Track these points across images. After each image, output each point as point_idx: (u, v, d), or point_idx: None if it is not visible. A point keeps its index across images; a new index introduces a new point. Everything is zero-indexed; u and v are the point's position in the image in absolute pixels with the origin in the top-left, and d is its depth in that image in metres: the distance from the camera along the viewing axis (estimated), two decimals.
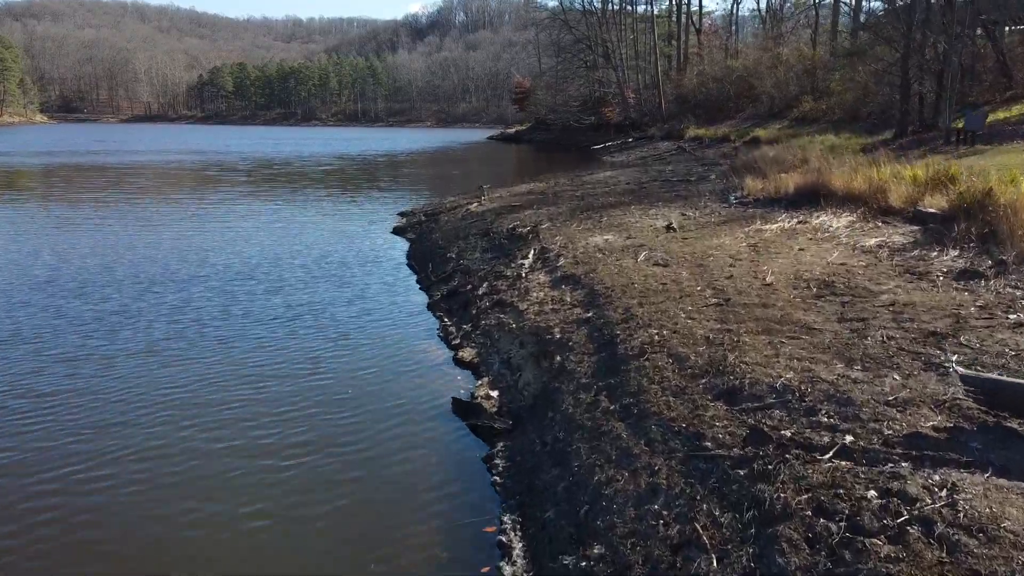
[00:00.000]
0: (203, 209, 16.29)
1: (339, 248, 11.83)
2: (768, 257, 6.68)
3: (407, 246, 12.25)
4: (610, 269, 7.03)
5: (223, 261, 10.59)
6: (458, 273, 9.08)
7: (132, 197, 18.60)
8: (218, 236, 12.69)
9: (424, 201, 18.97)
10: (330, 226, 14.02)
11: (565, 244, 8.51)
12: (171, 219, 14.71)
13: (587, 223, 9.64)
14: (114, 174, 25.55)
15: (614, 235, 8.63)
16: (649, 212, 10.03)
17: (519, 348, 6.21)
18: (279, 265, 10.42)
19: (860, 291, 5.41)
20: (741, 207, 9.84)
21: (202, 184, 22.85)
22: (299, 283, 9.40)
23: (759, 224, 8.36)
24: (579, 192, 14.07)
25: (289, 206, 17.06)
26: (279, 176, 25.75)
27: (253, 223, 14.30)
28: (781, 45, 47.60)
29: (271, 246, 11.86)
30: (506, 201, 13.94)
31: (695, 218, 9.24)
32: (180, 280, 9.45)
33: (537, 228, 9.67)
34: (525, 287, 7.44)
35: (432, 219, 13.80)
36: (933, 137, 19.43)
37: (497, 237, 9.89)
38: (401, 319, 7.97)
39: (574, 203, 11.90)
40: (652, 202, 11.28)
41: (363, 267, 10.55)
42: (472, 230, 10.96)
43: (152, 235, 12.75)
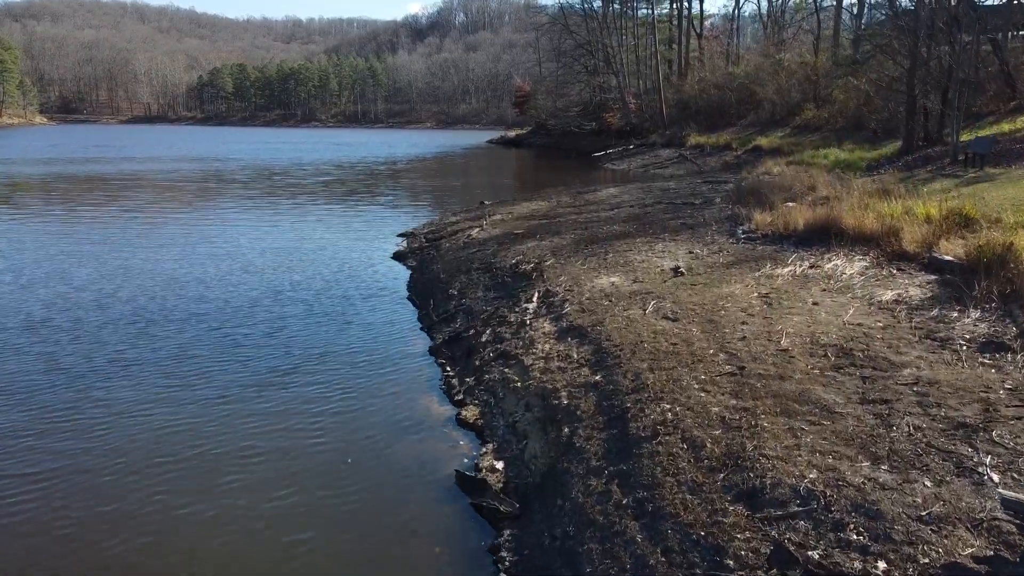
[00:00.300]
0: (201, 230, 16.07)
1: (341, 279, 11.61)
2: (781, 313, 6.47)
3: (408, 275, 12.04)
4: (618, 321, 6.82)
5: (222, 296, 10.36)
6: (460, 313, 8.87)
7: (129, 215, 18.38)
8: (217, 265, 12.47)
9: (425, 218, 18.77)
10: (332, 253, 13.80)
11: (570, 287, 8.30)
12: (169, 243, 14.49)
13: (592, 260, 9.42)
14: (111, 187, 25.33)
15: (620, 277, 8.41)
16: (655, 248, 9.81)
17: (525, 411, 5.99)
18: (280, 300, 10.20)
19: (880, 362, 5.20)
20: (749, 243, 9.63)
21: (200, 198, 22.63)
22: (301, 323, 9.18)
23: (769, 268, 8.14)
24: (582, 217, 13.86)
25: (289, 228, 16.85)
26: (278, 188, 25.53)
27: (253, 248, 14.08)
28: (783, 51, 47.44)
29: (271, 277, 11.64)
30: (508, 225, 13.72)
31: (703, 257, 9.02)
32: (177, 319, 9.23)
33: (541, 265, 9.45)
34: (530, 337, 7.23)
35: (433, 244, 13.59)
36: (940, 154, 19.22)
37: (500, 274, 9.68)
38: (403, 367, 7.76)
39: (577, 233, 11.69)
40: (657, 233, 11.06)
41: (366, 302, 10.33)
42: (474, 263, 10.75)
43: (149, 263, 12.53)
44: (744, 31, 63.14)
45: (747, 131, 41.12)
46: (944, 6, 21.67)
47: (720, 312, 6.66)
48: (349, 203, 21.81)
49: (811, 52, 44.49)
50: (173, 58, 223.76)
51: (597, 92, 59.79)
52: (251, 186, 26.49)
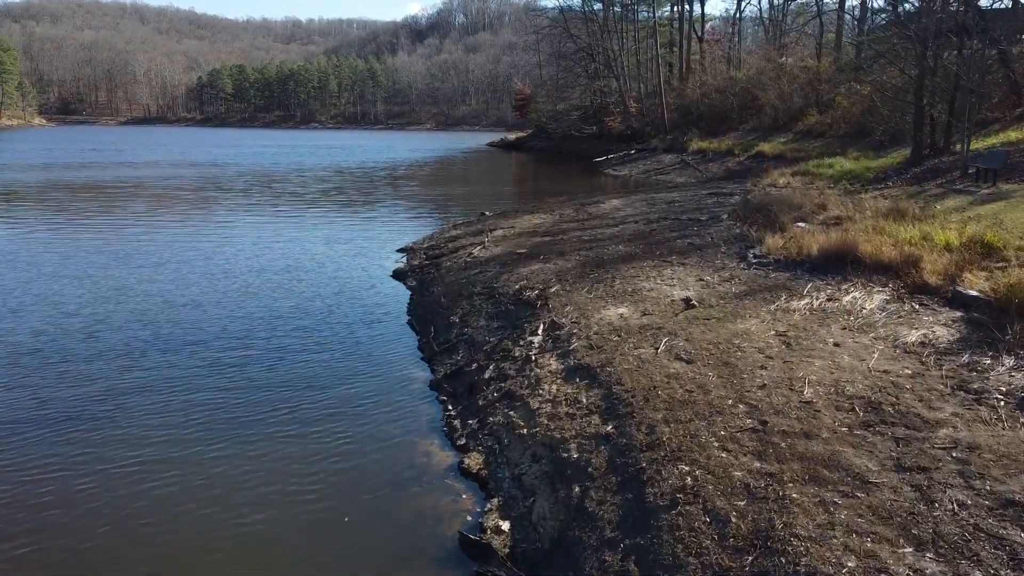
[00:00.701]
0: (198, 246, 15.74)
1: (341, 303, 11.28)
2: (801, 356, 6.14)
3: (408, 296, 11.72)
4: (629, 362, 6.49)
5: (218, 324, 10.02)
6: (462, 344, 8.54)
7: (124, 228, 18.04)
8: (213, 286, 12.13)
9: (425, 230, 18.45)
10: (332, 271, 13.47)
11: (577, 319, 7.97)
12: (164, 260, 14.16)
13: (599, 287, 9.09)
14: (106, 196, 25.00)
15: (629, 308, 8.09)
16: (663, 273, 9.48)
17: (532, 462, 5.66)
18: (278, 329, 9.85)
19: (913, 419, 4.88)
20: (761, 269, 9.30)
21: (197, 209, 22.30)
22: (299, 356, 8.83)
23: (785, 300, 7.81)
24: (586, 234, 13.53)
25: (289, 243, 16.51)
26: (277, 198, 25.21)
27: (251, 267, 13.74)
28: (784, 55, 47.16)
29: (270, 301, 11.29)
30: (510, 243, 13.40)
31: (714, 286, 8.70)
32: (170, 350, 8.90)
33: (546, 292, 9.13)
34: (536, 375, 6.90)
35: (434, 263, 13.26)
36: (949, 166, 18.90)
37: (503, 300, 9.35)
38: (403, 405, 7.42)
39: (582, 254, 11.36)
40: (665, 256, 10.74)
41: (366, 328, 10.00)
42: (476, 286, 10.42)
43: (143, 283, 12.19)
44: (744, 34, 62.81)
45: (749, 136, 40.86)
46: (950, 13, 21.38)
47: (736, 353, 6.33)
48: (348, 214, 21.48)
49: (813, 56, 44.25)
50: (172, 59, 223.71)
51: (598, 96, 59.54)
52: (250, 194, 26.16)
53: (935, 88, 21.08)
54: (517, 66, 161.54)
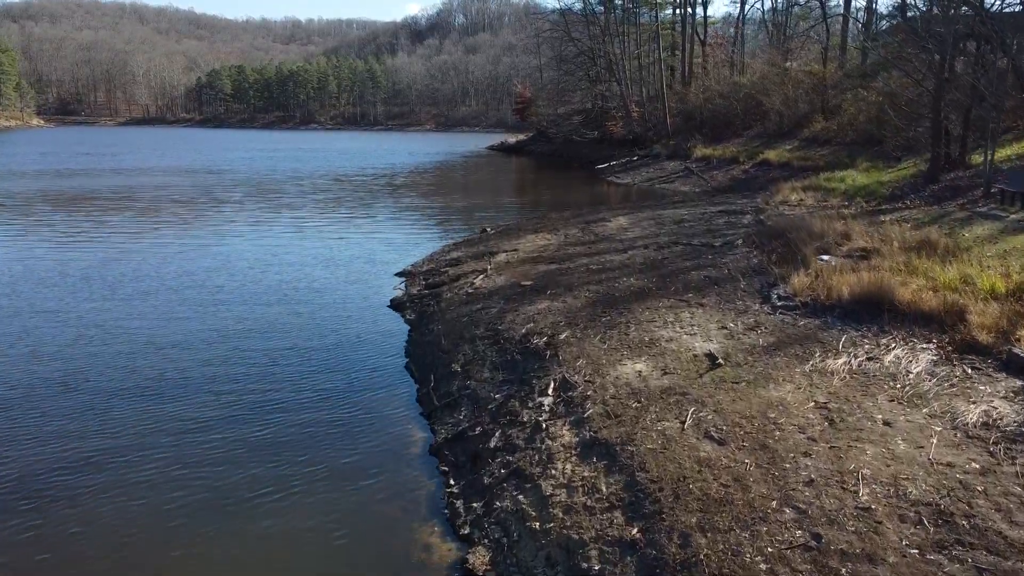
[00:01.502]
0: (188, 270, 15.02)
1: (338, 342, 10.57)
2: (849, 439, 5.44)
3: (407, 332, 11.03)
4: (652, 439, 5.79)
5: (203, 370, 9.30)
6: (465, 399, 7.84)
7: (111, 247, 17.31)
8: (202, 320, 11.42)
9: (424, 248, 17.79)
10: (327, 301, 12.76)
11: (590, 376, 7.27)
12: (151, 289, 13.44)
13: (612, 334, 8.38)
14: (96, 208, 24.26)
15: (647, 363, 7.38)
16: (681, 316, 8.78)
17: (546, 567, 4.96)
18: (272, 377, 9.13)
19: (992, 538, 4.18)
20: (787, 314, 8.60)
21: (189, 224, 21.58)
22: (289, 411, 8.11)
23: (820, 357, 7.11)
24: (594, 262, 12.82)
25: (284, 266, 15.81)
26: (273, 210, 24.49)
27: (243, 296, 13.03)
28: (789, 60, 46.49)
29: (262, 341, 10.56)
30: (514, 272, 12.70)
31: (738, 335, 7.99)
32: (149, 402, 8.18)
33: (555, 339, 8.42)
34: (547, 449, 6.20)
35: (433, 292, 12.56)
36: (968, 183, 18.19)
37: (509, 348, 8.65)
38: (400, 476, 6.72)
39: (591, 288, 10.65)
40: (680, 292, 10.03)
41: (365, 373, 9.31)
42: (479, 327, 9.72)
43: (128, 319, 11.47)
44: (747, 37, 62.07)
45: (754, 143, 40.20)
46: (966, 21, 20.69)
47: (774, 433, 5.63)
48: (347, 230, 20.76)
49: (817, 60, 43.59)
50: (171, 59, 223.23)
51: (599, 100, 58.89)
52: (244, 207, 25.44)
53: (950, 100, 20.37)
54: (517, 67, 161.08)
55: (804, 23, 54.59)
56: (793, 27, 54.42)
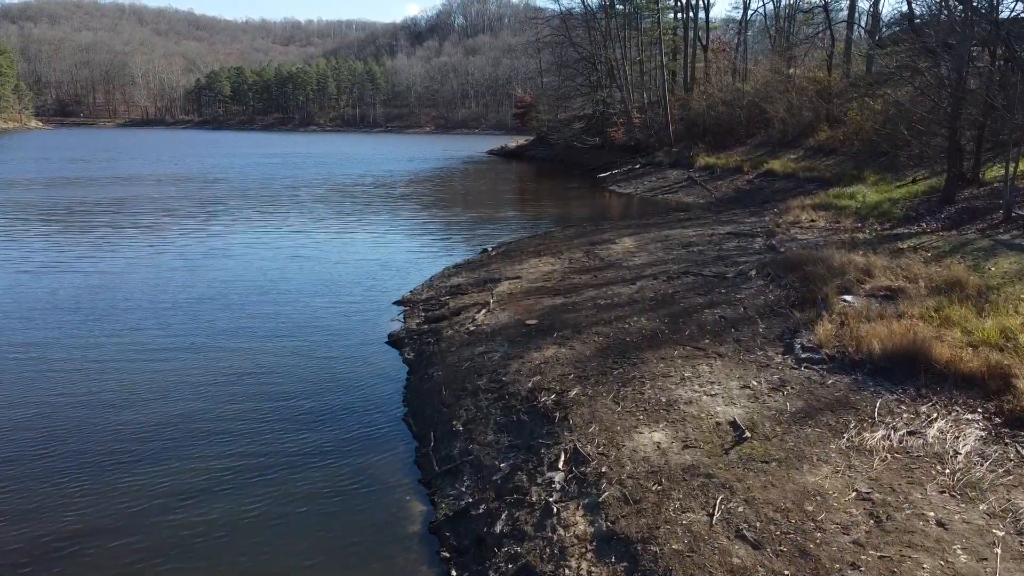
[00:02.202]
0: (172, 299, 14.41)
1: (333, 387, 9.96)
2: (900, 544, 4.84)
3: (405, 375, 10.44)
4: (677, 537, 5.19)
5: (183, 428, 8.68)
6: (467, 467, 7.24)
7: (94, 273, 16.69)
8: (182, 361, 10.82)
9: (425, 269, 17.23)
10: (321, 336, 12.17)
11: (604, 446, 6.68)
12: (133, 328, 12.84)
13: (626, 392, 7.79)
14: (82, 222, 23.62)
15: (665, 432, 6.79)
16: (699, 370, 8.18)
17: None
18: (260, 432, 8.50)
19: None
20: (814, 368, 8.00)
21: (178, 243, 20.96)
22: (283, 470, 7.52)
23: (855, 428, 6.52)
24: (601, 296, 12.22)
25: (280, 295, 15.22)
26: (268, 227, 23.88)
27: (233, 327, 12.44)
28: (793, 67, 45.98)
29: (253, 386, 9.97)
30: (518, 306, 12.11)
31: (763, 395, 7.40)
32: (123, 458, 7.57)
33: (564, 398, 7.83)
34: (559, 540, 5.60)
35: (433, 328, 11.97)
36: (986, 204, 17.58)
37: (514, 404, 8.05)
38: (399, 562, 6.12)
39: (601, 331, 10.05)
40: (696, 338, 9.43)
41: (360, 426, 8.69)
42: (482, 376, 9.12)
43: (103, 364, 10.87)
44: (749, 41, 61.49)
45: (757, 152, 39.70)
46: (981, 35, 20.09)
47: (815, 534, 5.03)
48: (344, 249, 20.16)
49: (820, 67, 43.05)
50: (171, 61, 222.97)
51: (600, 105, 58.38)
52: (238, 222, 24.84)
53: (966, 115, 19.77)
54: (516, 69, 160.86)
55: (806, 28, 54.08)
56: (796, 33, 53.91)
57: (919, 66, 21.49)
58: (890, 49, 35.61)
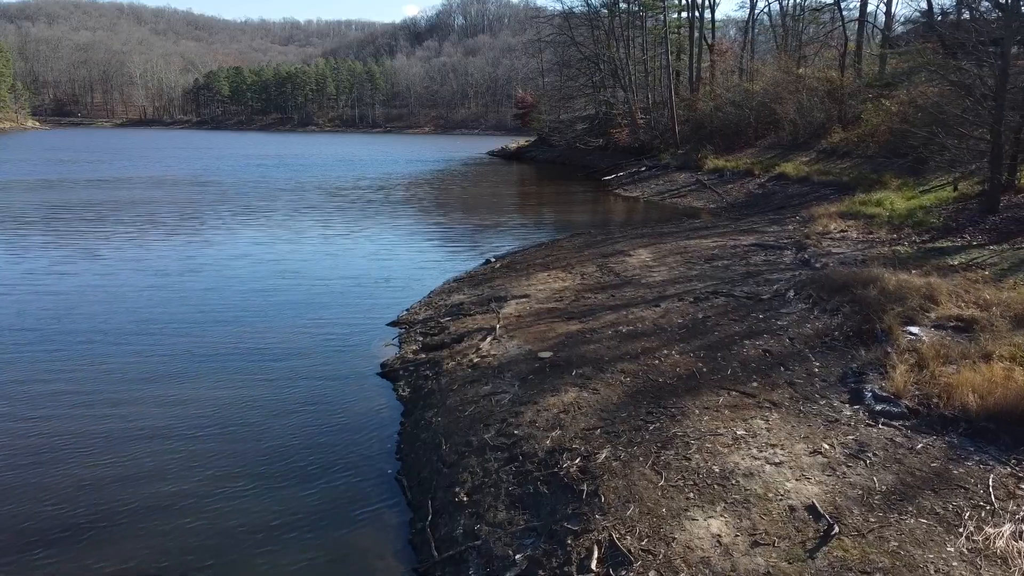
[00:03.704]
0: (147, 326, 12.97)
1: (312, 429, 8.53)
2: None
3: (399, 416, 9.00)
4: None
5: (139, 489, 7.24)
6: (473, 557, 5.79)
7: (61, 285, 15.24)
8: (151, 399, 9.37)
9: (424, 283, 15.82)
10: (308, 367, 10.71)
11: (648, 539, 5.23)
12: (102, 370, 11.39)
13: (667, 456, 6.33)
14: (62, 230, 22.15)
15: (726, 521, 5.34)
16: (753, 427, 6.73)
17: None
18: (219, 489, 7.07)
19: None
20: (895, 427, 6.56)
21: (156, 247, 19.51)
22: (236, 550, 6.08)
23: (970, 519, 5.07)
24: (621, 321, 10.77)
25: (261, 311, 13.79)
26: (259, 230, 22.41)
27: (206, 352, 10.99)
28: (803, 66, 44.62)
29: (219, 416, 8.55)
30: (528, 333, 10.67)
31: (841, 465, 5.95)
32: (80, 523, 6.13)
33: (591, 462, 6.38)
34: None
35: (432, 359, 10.52)
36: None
37: (530, 469, 6.60)
38: None
39: (627, 368, 8.60)
40: (741, 379, 7.99)
41: (341, 486, 7.24)
42: (490, 426, 7.67)
43: (67, 401, 9.44)
44: (756, 41, 60.07)
45: (768, 154, 38.33)
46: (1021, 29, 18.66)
47: None
48: (337, 259, 18.71)
49: (830, 66, 41.70)
50: (169, 61, 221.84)
51: (603, 106, 57.02)
52: (227, 228, 23.39)
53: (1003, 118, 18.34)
54: (517, 69, 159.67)
55: (814, 26, 52.73)
56: (804, 31, 52.52)
57: (960, 64, 20.02)
58: (914, 46, 34.18)
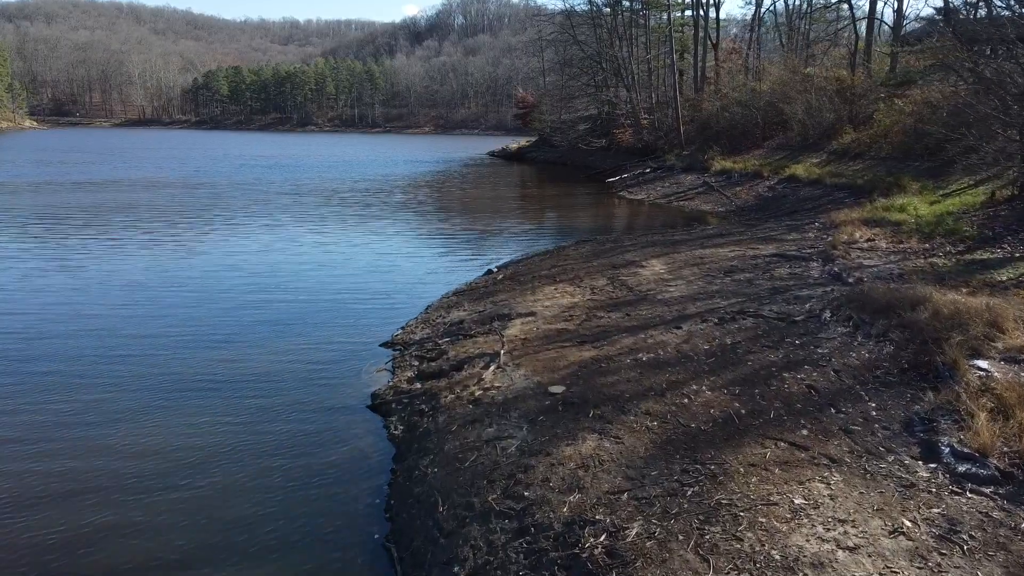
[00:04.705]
0: (109, 356, 11.83)
1: (288, 476, 7.36)
2: None
3: (390, 463, 7.85)
4: None
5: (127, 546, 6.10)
6: None
7: (32, 296, 14.12)
8: (113, 443, 8.22)
9: (421, 297, 14.67)
10: (289, 401, 9.53)
11: None
12: (59, 410, 10.26)
13: (712, 532, 5.17)
14: (40, 240, 21.02)
15: None
16: (813, 491, 5.57)
17: None
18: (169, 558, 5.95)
19: None
20: (989, 496, 5.40)
21: (133, 258, 18.38)
22: None
23: None
24: (640, 345, 9.62)
25: (240, 328, 12.65)
26: (247, 236, 21.27)
27: (174, 382, 9.83)
28: (810, 65, 43.56)
29: (178, 461, 7.36)
30: (536, 362, 9.52)
31: (932, 553, 4.80)
32: None
33: (620, 542, 5.22)
34: None
35: (428, 391, 9.37)
36: None
37: (546, 548, 5.44)
38: None
39: (653, 409, 7.44)
40: (788, 425, 6.83)
41: (318, 558, 6.09)
42: (494, 484, 6.51)
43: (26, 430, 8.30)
44: (762, 39, 58.91)
45: (776, 155, 37.27)
46: None
47: None
48: (328, 269, 17.55)
49: (839, 65, 40.63)
50: (168, 60, 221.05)
51: (606, 106, 55.93)
52: (213, 232, 22.25)
53: None
54: (517, 69, 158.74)
55: (820, 24, 51.65)
56: (810, 30, 51.40)
57: (991, 61, 18.86)
58: (928, 44, 33.02)
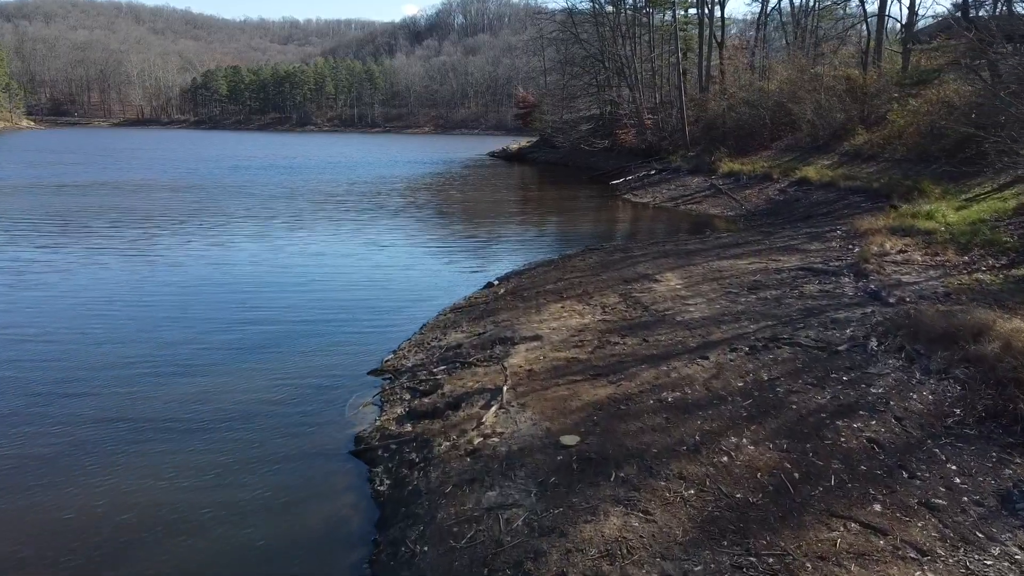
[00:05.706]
0: (80, 387, 10.59)
1: (239, 558, 6.13)
2: None
3: (372, 530, 6.61)
4: None
5: None
6: None
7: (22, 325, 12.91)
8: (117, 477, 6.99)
9: (415, 316, 13.43)
10: (257, 445, 8.30)
11: None
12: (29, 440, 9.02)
13: None
14: (8, 248, 19.79)
15: None
16: None
17: None
18: None
19: None
20: None
21: (101, 274, 17.14)
22: None
23: None
24: (666, 384, 8.38)
25: (210, 351, 11.42)
26: (230, 246, 20.03)
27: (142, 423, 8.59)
28: (819, 64, 42.34)
29: (117, 539, 6.14)
30: (545, 403, 8.28)
31: None
32: None
33: None
34: None
35: (420, 433, 8.13)
36: None
37: None
38: None
39: (687, 471, 6.21)
40: (853, 496, 5.61)
41: None
42: (502, 566, 5.29)
43: None
44: (768, 38, 57.68)
45: (785, 156, 36.09)
46: None
47: None
48: (316, 282, 16.29)
49: (848, 64, 39.42)
50: (166, 60, 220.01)
51: (608, 106, 54.71)
52: (196, 239, 21.01)
53: None
54: (517, 68, 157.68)
55: (827, 23, 50.47)
56: (818, 27, 50.18)
57: None
58: (941, 41, 31.83)
